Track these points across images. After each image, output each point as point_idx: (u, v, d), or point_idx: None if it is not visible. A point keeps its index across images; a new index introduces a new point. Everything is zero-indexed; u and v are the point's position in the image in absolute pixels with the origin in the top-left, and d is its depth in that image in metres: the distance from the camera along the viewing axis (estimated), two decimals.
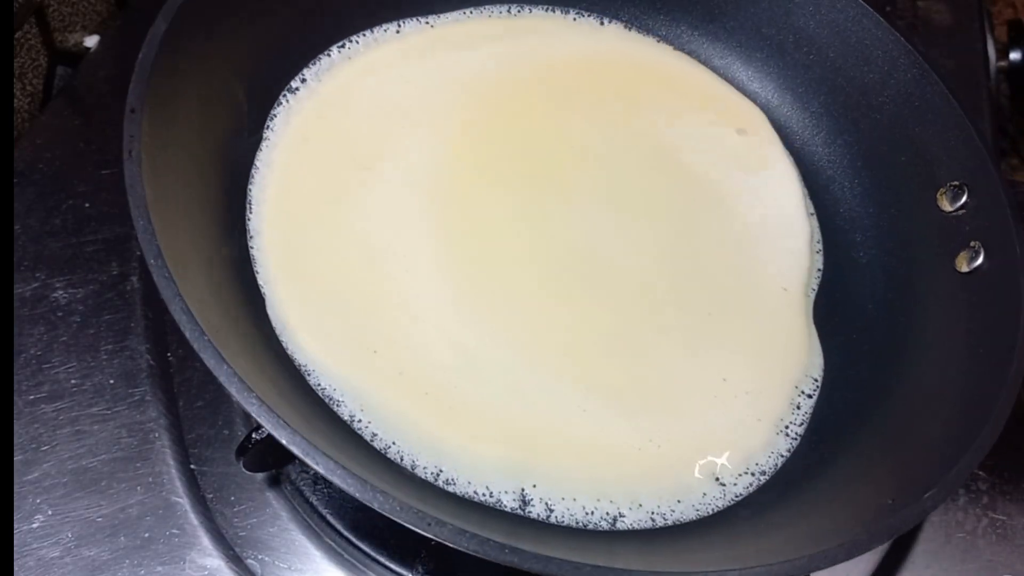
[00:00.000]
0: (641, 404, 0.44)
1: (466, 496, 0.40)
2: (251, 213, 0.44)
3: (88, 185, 0.60)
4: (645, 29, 0.55)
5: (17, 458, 0.48)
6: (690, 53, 0.55)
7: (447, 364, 0.42)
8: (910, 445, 0.42)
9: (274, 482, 0.49)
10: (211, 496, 0.48)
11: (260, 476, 0.48)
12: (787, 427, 0.46)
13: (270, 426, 0.31)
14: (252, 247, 0.43)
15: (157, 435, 0.50)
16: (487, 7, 0.53)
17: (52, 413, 0.50)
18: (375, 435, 0.40)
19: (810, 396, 0.47)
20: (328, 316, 0.42)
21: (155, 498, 0.48)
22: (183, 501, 0.48)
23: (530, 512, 0.40)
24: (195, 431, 0.50)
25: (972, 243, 0.45)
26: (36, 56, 0.65)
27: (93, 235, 0.57)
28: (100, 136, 0.63)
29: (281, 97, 0.48)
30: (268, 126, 0.47)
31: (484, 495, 0.41)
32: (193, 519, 0.47)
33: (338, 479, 0.30)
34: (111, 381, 0.51)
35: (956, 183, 0.46)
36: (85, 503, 0.47)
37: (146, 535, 0.47)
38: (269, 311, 0.42)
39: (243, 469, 0.46)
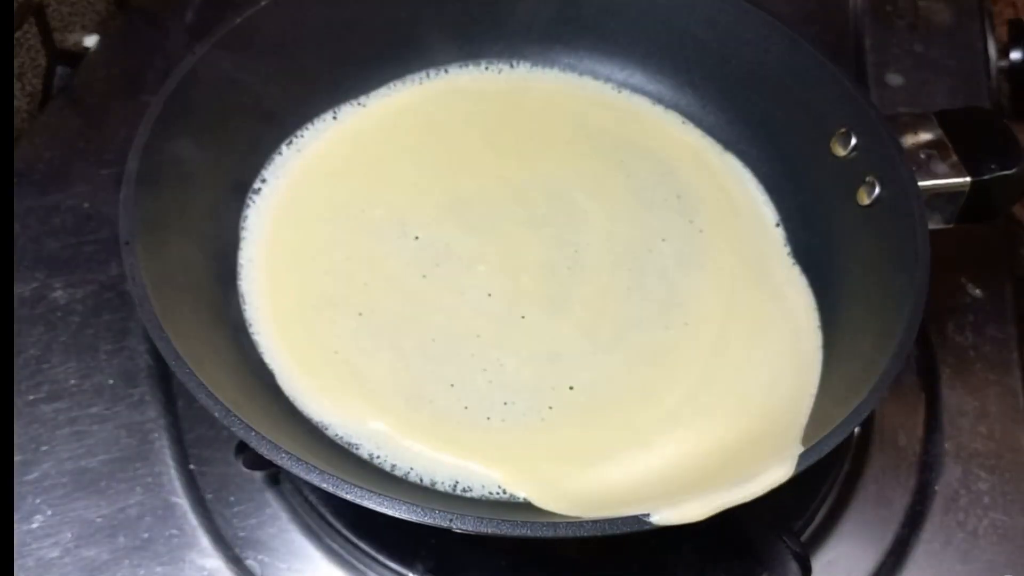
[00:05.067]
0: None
1: (483, 498, 0.44)
2: (246, 304, 0.49)
3: (88, 185, 0.60)
4: (550, 63, 0.61)
5: (17, 458, 0.48)
6: (592, 73, 0.61)
7: (454, 407, 0.46)
8: (848, 365, 0.46)
9: (274, 482, 0.49)
10: (210, 496, 0.48)
11: (259, 476, 0.48)
12: None
13: (319, 480, 0.37)
14: (253, 332, 0.48)
15: (156, 435, 0.50)
16: (408, 76, 0.59)
17: (51, 413, 0.50)
18: (394, 466, 0.45)
19: None
20: (333, 380, 0.47)
21: (154, 498, 0.48)
22: (182, 501, 0.48)
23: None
24: (194, 431, 0.50)
25: (867, 178, 0.50)
26: (36, 56, 0.65)
27: (93, 235, 0.57)
28: (100, 136, 0.63)
29: (247, 199, 0.52)
30: (243, 226, 0.51)
31: (498, 494, 0.44)
32: (192, 519, 0.47)
33: (372, 503, 0.36)
34: (110, 381, 0.51)
35: (843, 130, 0.52)
36: (84, 503, 0.47)
37: (145, 535, 0.47)
38: (280, 384, 0.46)
39: (243, 468, 0.46)
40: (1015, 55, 0.72)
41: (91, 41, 0.69)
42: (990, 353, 0.56)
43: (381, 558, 0.46)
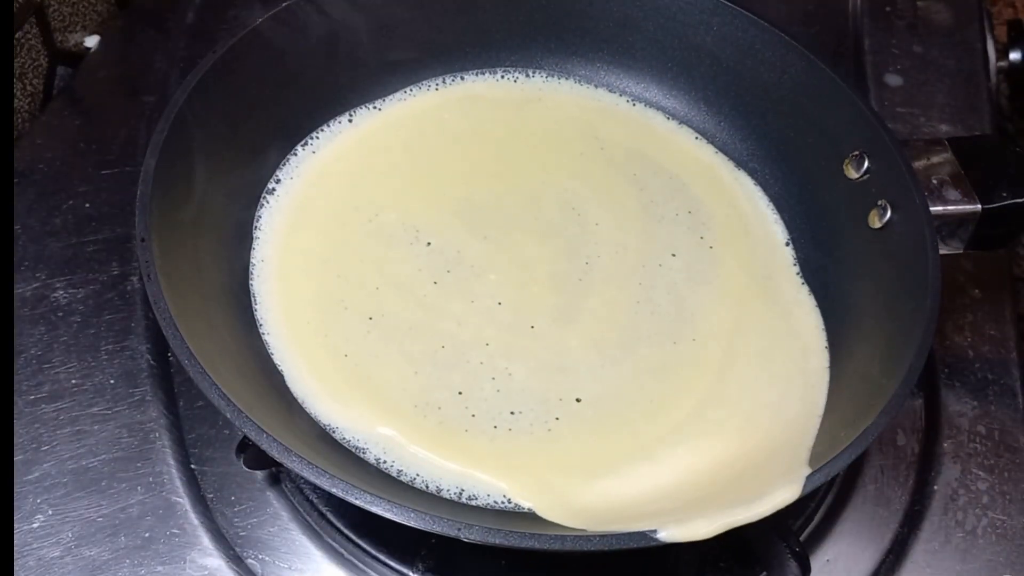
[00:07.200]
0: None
1: (488, 507, 0.44)
2: (257, 304, 0.49)
3: (88, 185, 0.60)
4: (566, 74, 0.61)
5: (17, 458, 0.48)
6: (607, 86, 0.61)
7: (462, 415, 0.46)
8: (856, 387, 0.46)
9: (274, 481, 0.49)
10: (211, 496, 0.48)
11: (260, 475, 0.49)
12: None
13: (330, 485, 0.37)
14: (263, 333, 0.48)
15: (157, 435, 0.50)
16: (424, 82, 0.59)
17: (52, 413, 0.50)
18: (400, 471, 0.45)
19: None
20: (342, 383, 0.47)
21: (155, 498, 0.48)
22: (183, 501, 0.48)
23: None
24: (195, 431, 0.50)
25: (880, 202, 0.50)
26: (36, 56, 0.65)
27: (93, 235, 0.58)
28: (100, 136, 0.63)
29: (261, 199, 0.52)
30: (256, 226, 0.52)
31: (503, 503, 0.44)
32: (193, 519, 0.47)
33: (382, 509, 0.37)
34: (111, 381, 0.51)
35: (857, 152, 0.52)
36: (85, 503, 0.47)
37: (146, 535, 0.47)
38: (289, 385, 0.46)
39: (243, 468, 0.46)
40: (1014, 55, 0.72)
41: (92, 41, 0.69)
42: (989, 353, 0.56)
43: (381, 557, 0.46)
